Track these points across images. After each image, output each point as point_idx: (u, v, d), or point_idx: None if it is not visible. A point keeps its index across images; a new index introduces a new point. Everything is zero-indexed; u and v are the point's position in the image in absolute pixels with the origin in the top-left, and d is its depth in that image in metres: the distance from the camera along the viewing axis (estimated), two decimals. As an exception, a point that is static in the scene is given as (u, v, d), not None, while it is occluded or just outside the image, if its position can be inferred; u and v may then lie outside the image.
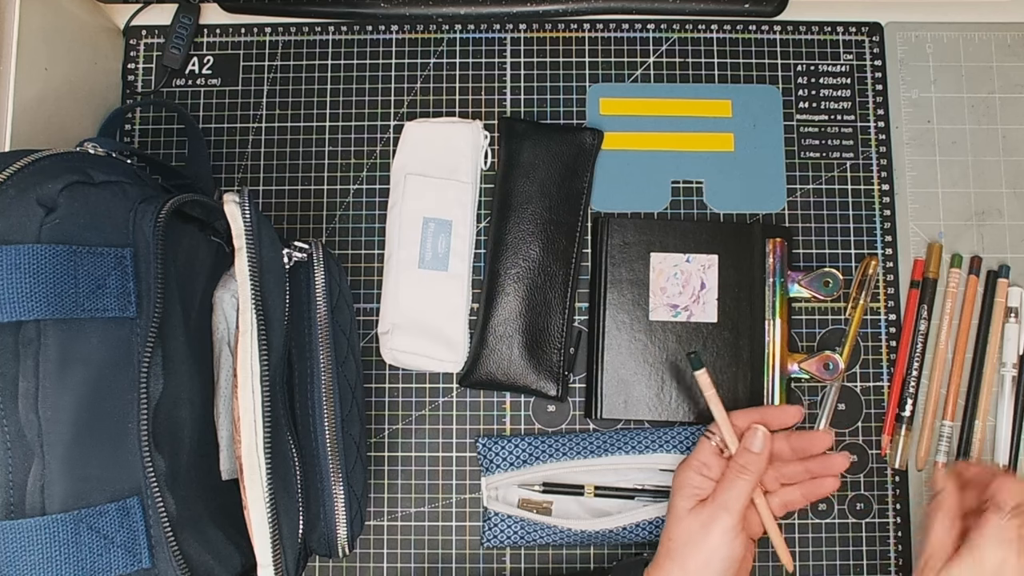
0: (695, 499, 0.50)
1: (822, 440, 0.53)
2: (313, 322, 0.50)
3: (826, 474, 0.53)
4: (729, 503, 0.49)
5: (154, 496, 0.39)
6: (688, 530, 0.49)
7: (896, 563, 0.58)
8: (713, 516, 0.48)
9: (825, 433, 0.54)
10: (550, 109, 0.63)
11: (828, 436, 0.53)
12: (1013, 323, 0.59)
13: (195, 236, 0.48)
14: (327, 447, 0.49)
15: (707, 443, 0.52)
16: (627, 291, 0.59)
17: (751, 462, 0.49)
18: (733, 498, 0.49)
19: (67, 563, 0.37)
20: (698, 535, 0.48)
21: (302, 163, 0.62)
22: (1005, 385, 0.58)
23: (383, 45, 0.63)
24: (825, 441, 0.53)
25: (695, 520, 0.49)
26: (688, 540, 0.49)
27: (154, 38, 0.64)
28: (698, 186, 0.61)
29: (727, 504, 0.49)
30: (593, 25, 0.63)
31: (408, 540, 0.58)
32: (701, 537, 0.48)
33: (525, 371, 0.58)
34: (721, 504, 0.49)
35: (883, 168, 0.62)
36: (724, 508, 0.48)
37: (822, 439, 0.53)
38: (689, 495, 0.50)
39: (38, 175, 0.39)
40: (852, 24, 0.63)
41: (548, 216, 0.59)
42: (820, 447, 0.53)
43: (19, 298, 0.36)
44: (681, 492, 0.50)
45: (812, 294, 0.58)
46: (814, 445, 0.53)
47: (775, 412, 0.53)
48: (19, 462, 0.37)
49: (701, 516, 0.49)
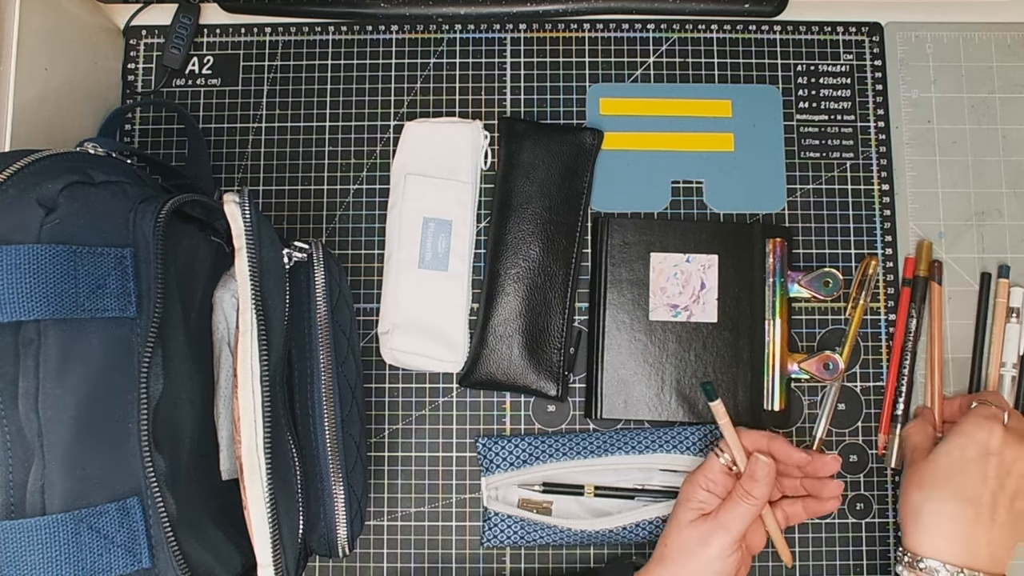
0: (698, 512, 0.51)
1: (829, 465, 0.53)
2: (313, 322, 0.50)
3: (818, 495, 0.54)
4: (730, 523, 0.49)
5: (154, 496, 0.39)
6: (687, 540, 0.50)
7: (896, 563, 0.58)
8: (712, 532, 0.49)
9: (833, 460, 0.53)
10: (550, 109, 0.62)
11: (835, 462, 0.53)
12: (1014, 323, 0.59)
13: (195, 236, 0.48)
14: (327, 447, 0.49)
15: (716, 460, 0.52)
16: (627, 291, 0.59)
17: (755, 489, 0.50)
18: (734, 519, 0.49)
19: (67, 563, 0.37)
20: (695, 547, 0.49)
21: (302, 163, 0.62)
22: (1005, 385, 0.58)
23: (383, 45, 0.63)
24: (832, 467, 0.53)
25: (694, 532, 0.50)
26: (684, 550, 0.50)
27: (154, 38, 0.64)
28: (698, 186, 0.61)
29: (728, 524, 0.49)
30: (593, 25, 0.63)
31: (408, 540, 0.58)
32: (698, 550, 0.49)
33: (525, 371, 0.58)
34: (722, 523, 0.49)
35: (883, 168, 0.62)
36: (724, 527, 0.49)
37: (829, 464, 0.53)
38: (693, 508, 0.51)
39: (38, 175, 0.39)
40: (852, 24, 0.63)
41: (548, 216, 0.59)
42: (826, 472, 0.54)
43: (19, 298, 0.36)
44: (686, 504, 0.51)
45: (812, 294, 0.58)
46: (820, 469, 0.54)
47: (784, 447, 0.53)
48: (19, 462, 0.37)
49: (700, 530, 0.50)
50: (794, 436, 0.59)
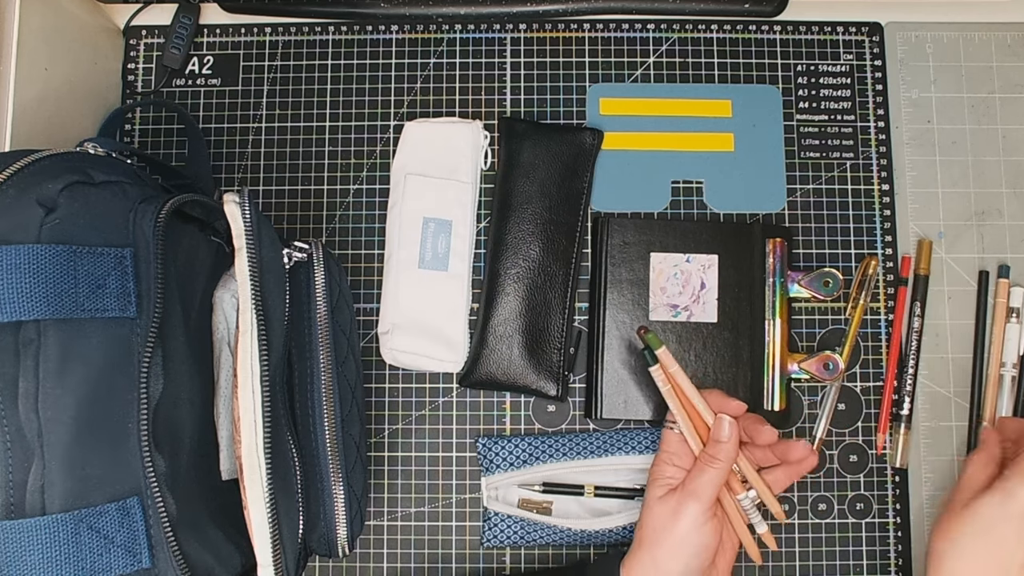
0: (666, 488, 0.50)
1: (799, 449, 0.52)
2: (313, 322, 0.50)
3: (787, 459, 0.52)
4: (698, 490, 0.49)
5: (154, 496, 0.39)
6: (659, 517, 0.49)
7: (896, 563, 0.58)
8: (682, 503, 0.49)
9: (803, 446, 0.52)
10: (550, 109, 0.62)
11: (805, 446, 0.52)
12: (1014, 323, 0.59)
13: (195, 236, 0.48)
14: (327, 447, 0.49)
15: (671, 433, 0.52)
16: (627, 291, 0.59)
17: (720, 451, 0.49)
18: (702, 485, 0.49)
19: (67, 563, 0.37)
20: (668, 522, 0.49)
21: (302, 163, 0.62)
22: (1005, 385, 0.58)
23: (383, 45, 0.63)
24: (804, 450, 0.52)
25: (665, 507, 0.49)
26: (659, 527, 0.49)
27: (154, 38, 0.64)
28: (698, 186, 0.61)
29: (696, 492, 0.49)
30: (593, 25, 0.63)
31: (408, 540, 0.58)
32: (671, 524, 0.48)
33: (525, 371, 0.58)
34: (690, 492, 0.49)
35: (883, 168, 0.62)
36: (693, 495, 0.49)
37: (799, 448, 0.52)
38: (661, 485, 0.50)
39: (38, 175, 0.39)
40: (852, 24, 0.63)
41: (548, 216, 0.59)
42: (796, 455, 0.52)
43: (19, 298, 0.36)
44: (654, 483, 0.51)
45: (812, 294, 0.58)
46: (789, 452, 0.52)
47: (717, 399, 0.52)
48: (19, 462, 0.37)
49: (670, 503, 0.49)
50: (794, 436, 0.59)
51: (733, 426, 0.50)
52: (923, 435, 0.59)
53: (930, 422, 0.59)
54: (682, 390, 0.52)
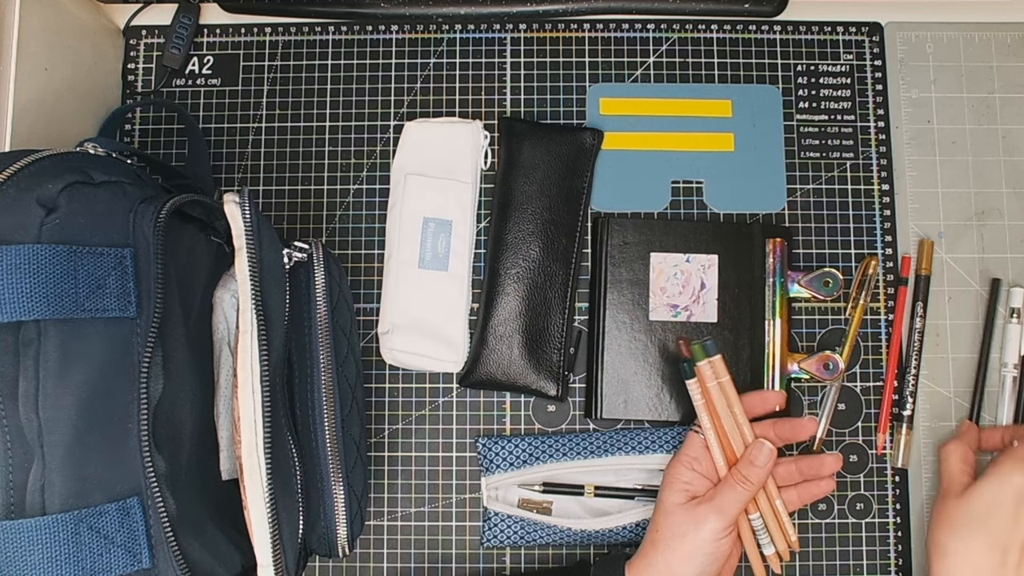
0: (685, 493, 0.51)
1: (831, 464, 0.53)
2: (313, 322, 0.50)
3: (817, 476, 0.53)
4: (724, 507, 0.49)
5: (154, 496, 0.39)
6: (678, 524, 0.50)
7: (896, 563, 0.58)
8: (706, 515, 0.49)
9: (834, 457, 0.53)
10: (550, 109, 0.62)
11: (837, 459, 0.53)
12: (1015, 323, 0.59)
13: (195, 236, 0.48)
14: (327, 447, 0.49)
15: (696, 438, 0.52)
16: (627, 291, 0.59)
17: (753, 474, 0.50)
18: (729, 503, 0.49)
19: (67, 563, 0.37)
20: (688, 530, 0.49)
21: (302, 163, 0.62)
22: (1006, 385, 0.58)
23: (383, 45, 0.63)
24: (835, 464, 0.53)
25: (687, 516, 0.50)
26: (677, 533, 0.49)
27: (154, 38, 0.64)
28: (698, 186, 0.61)
29: (722, 508, 0.49)
30: (593, 25, 0.63)
31: (408, 540, 0.58)
32: (692, 532, 0.49)
33: (525, 371, 0.58)
34: (716, 506, 0.49)
35: (883, 168, 0.62)
36: (719, 511, 0.49)
37: (831, 462, 0.53)
38: (679, 489, 0.51)
39: (38, 175, 0.39)
40: (852, 24, 0.63)
41: (548, 216, 0.59)
42: (828, 470, 0.53)
43: (19, 298, 0.36)
44: (672, 487, 0.51)
45: (812, 294, 0.58)
46: (822, 468, 0.53)
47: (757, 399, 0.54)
48: (19, 462, 0.37)
49: (694, 513, 0.50)
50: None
51: (771, 455, 0.50)
52: (923, 435, 0.59)
53: (930, 422, 0.59)
54: (715, 405, 0.52)
